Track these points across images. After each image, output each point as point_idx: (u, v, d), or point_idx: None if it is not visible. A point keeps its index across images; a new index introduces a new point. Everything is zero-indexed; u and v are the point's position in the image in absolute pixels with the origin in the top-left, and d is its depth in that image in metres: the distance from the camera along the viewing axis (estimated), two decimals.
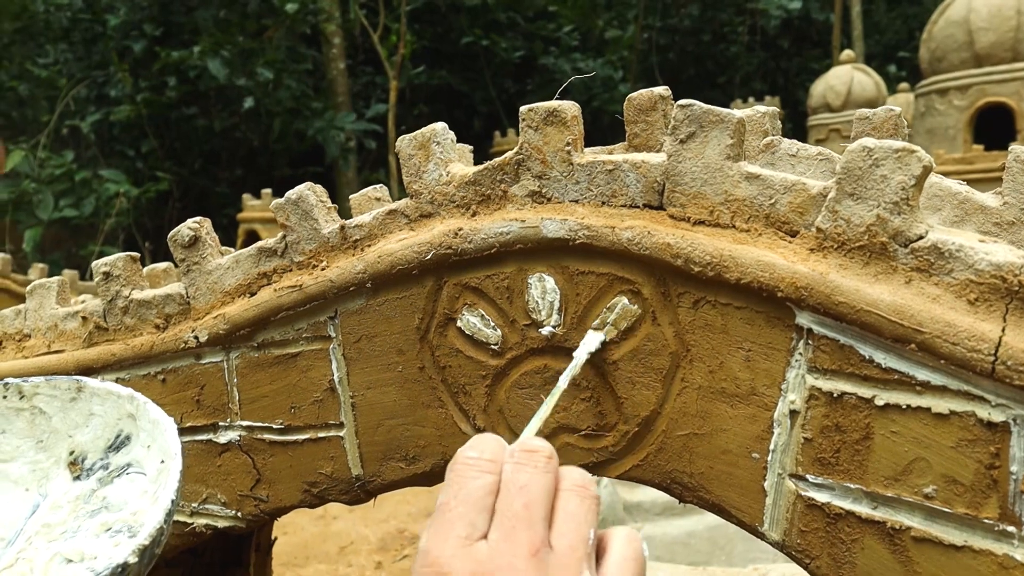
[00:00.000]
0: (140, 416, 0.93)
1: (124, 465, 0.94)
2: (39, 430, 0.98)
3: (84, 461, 0.97)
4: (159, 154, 15.93)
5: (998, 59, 11.58)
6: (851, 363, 0.90)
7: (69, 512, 0.93)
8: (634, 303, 1.05)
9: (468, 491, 0.65)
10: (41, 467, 0.97)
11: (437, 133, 1.17)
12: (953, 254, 0.84)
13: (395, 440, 1.25)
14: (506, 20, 20.09)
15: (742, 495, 1.00)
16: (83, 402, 0.97)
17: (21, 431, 0.98)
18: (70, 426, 0.97)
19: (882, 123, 1.20)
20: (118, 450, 0.95)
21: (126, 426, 0.95)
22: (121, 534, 0.88)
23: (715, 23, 24.22)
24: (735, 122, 0.96)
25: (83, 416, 0.97)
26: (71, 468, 0.97)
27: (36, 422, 0.98)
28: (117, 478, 0.94)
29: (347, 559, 4.72)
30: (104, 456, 0.96)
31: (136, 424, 0.94)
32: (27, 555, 0.88)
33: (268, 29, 15.96)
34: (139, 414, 0.93)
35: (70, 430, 0.97)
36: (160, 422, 0.91)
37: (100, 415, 0.96)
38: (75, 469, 0.96)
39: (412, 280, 1.18)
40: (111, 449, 0.96)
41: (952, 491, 0.85)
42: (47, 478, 0.96)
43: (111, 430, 0.96)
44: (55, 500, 0.94)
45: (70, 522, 0.92)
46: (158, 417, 0.91)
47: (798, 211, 0.94)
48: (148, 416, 0.92)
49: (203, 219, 1.38)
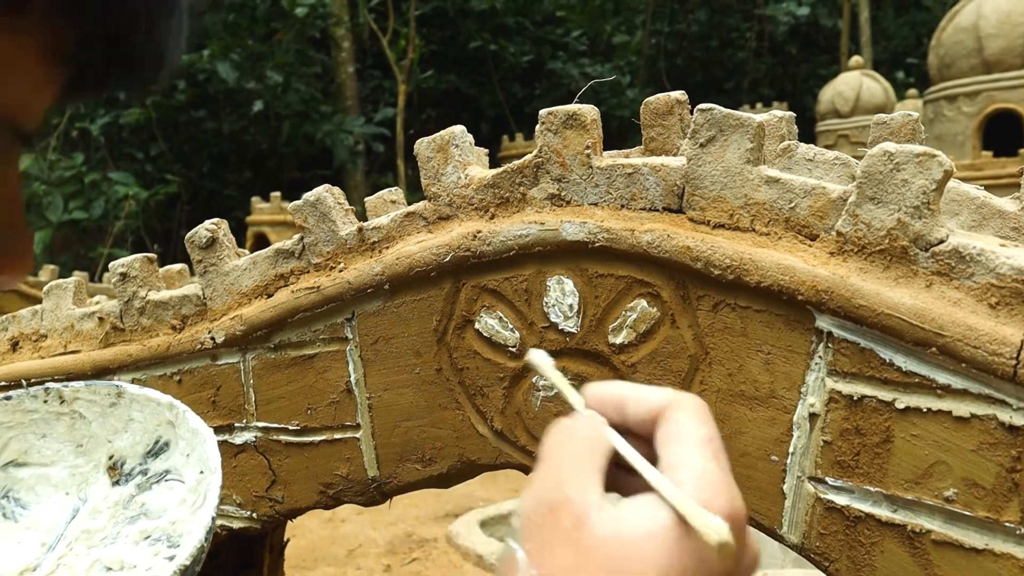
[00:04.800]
0: (179, 424, 0.93)
1: (163, 472, 0.95)
2: (79, 435, 0.98)
3: (123, 466, 0.97)
4: (168, 157, 15.98)
5: (1007, 65, 11.56)
6: (871, 366, 0.91)
7: (108, 518, 0.93)
8: (653, 306, 1.05)
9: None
10: (81, 471, 0.97)
11: (456, 136, 1.17)
12: (974, 258, 0.84)
13: (412, 442, 1.25)
14: (514, 25, 20.12)
15: (761, 498, 1.01)
16: (122, 408, 0.97)
17: (61, 436, 0.98)
18: (109, 431, 0.98)
19: (900, 128, 1.20)
20: (156, 456, 0.96)
21: (165, 433, 0.96)
22: (160, 543, 0.89)
23: (723, 29, 24.23)
24: (755, 126, 0.96)
25: (122, 422, 0.97)
26: (110, 473, 0.97)
27: (76, 427, 0.98)
28: (156, 484, 0.94)
29: (355, 562, 4.73)
30: (143, 461, 0.96)
31: (175, 432, 0.94)
32: (68, 561, 0.89)
33: (277, 33, 16.01)
34: (178, 422, 0.94)
35: (109, 435, 0.98)
36: (200, 431, 0.91)
37: (139, 421, 0.97)
38: (114, 474, 0.97)
39: (430, 282, 1.19)
40: (150, 455, 0.96)
41: (973, 494, 0.85)
42: (87, 482, 0.97)
43: (150, 436, 0.96)
44: (95, 505, 0.95)
45: (109, 528, 0.92)
46: (197, 426, 0.91)
47: (818, 215, 0.94)
48: (187, 425, 0.92)
49: (220, 221, 1.39)
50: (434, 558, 4.85)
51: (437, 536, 5.17)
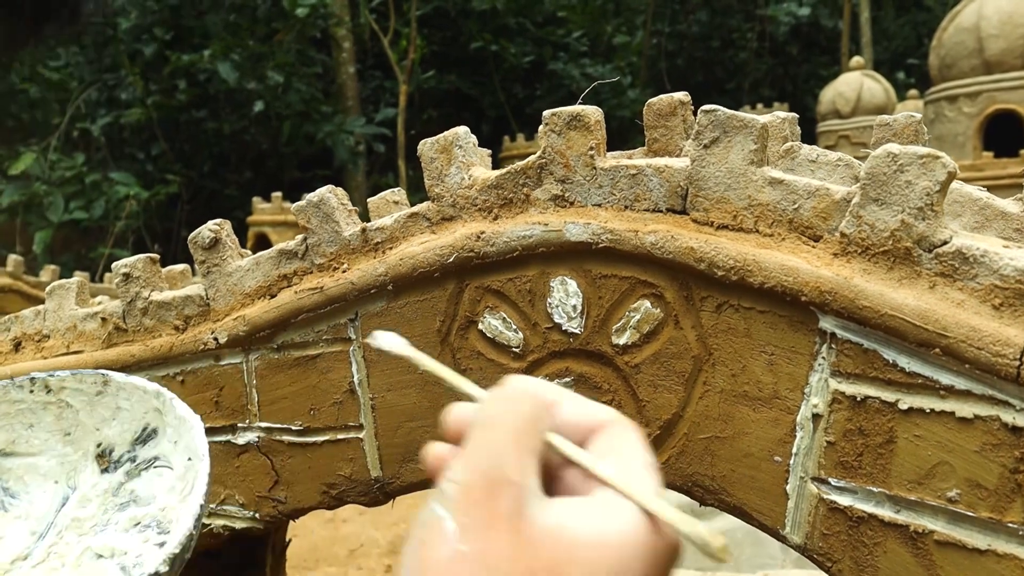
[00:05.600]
0: (167, 412, 0.94)
1: (151, 458, 0.95)
2: (66, 424, 0.99)
3: (111, 453, 0.97)
4: (169, 157, 15.99)
5: (1008, 66, 11.55)
6: (875, 367, 0.91)
7: (98, 506, 0.94)
8: (657, 307, 1.05)
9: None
10: (69, 460, 0.98)
11: (459, 137, 1.18)
12: (978, 259, 0.85)
13: (415, 442, 1.26)
14: (515, 25, 20.12)
15: (764, 498, 1.01)
16: (109, 396, 0.97)
17: (49, 425, 0.99)
18: (97, 420, 0.98)
19: (902, 129, 1.21)
20: (144, 443, 0.96)
21: (152, 420, 0.96)
22: (150, 529, 0.89)
23: (724, 29, 24.22)
24: (759, 127, 0.97)
25: (109, 410, 0.98)
26: (99, 461, 0.97)
27: (63, 416, 0.99)
28: (144, 471, 0.95)
29: (357, 562, 4.72)
30: (131, 448, 0.97)
31: (163, 419, 0.95)
32: (58, 549, 0.89)
33: (278, 33, 16.01)
34: (165, 410, 0.94)
35: (97, 424, 0.98)
36: (187, 419, 0.91)
37: (127, 409, 0.97)
38: (103, 462, 0.97)
39: (434, 283, 1.19)
40: (138, 442, 0.96)
41: (976, 495, 0.85)
42: (76, 471, 0.97)
43: (138, 423, 0.97)
44: (84, 493, 0.95)
45: (99, 516, 0.93)
46: (185, 414, 0.91)
47: (822, 216, 0.94)
48: (175, 412, 0.92)
49: (223, 221, 1.39)
50: None
51: None
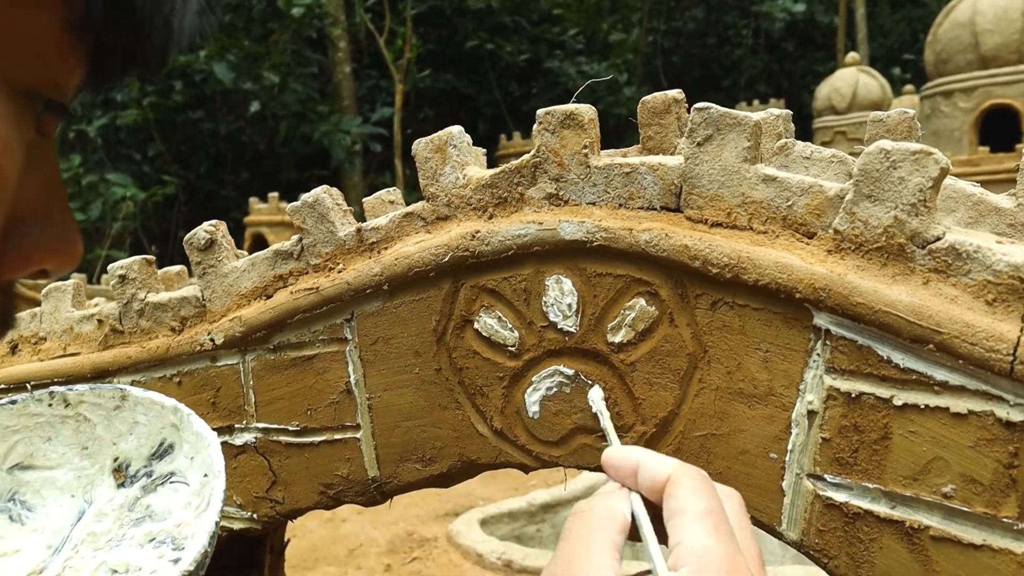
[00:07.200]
0: (183, 427, 0.94)
1: (167, 474, 0.95)
2: (84, 437, 0.99)
3: (128, 468, 0.97)
4: (165, 158, 15.98)
5: (1004, 61, 11.58)
6: (869, 363, 0.91)
7: (114, 520, 0.94)
8: (651, 305, 1.05)
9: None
10: (86, 474, 0.98)
11: (454, 136, 1.18)
12: (971, 255, 0.85)
13: (412, 442, 1.26)
14: (511, 24, 20.12)
15: (760, 495, 1.01)
16: (127, 411, 0.98)
17: (67, 439, 0.99)
18: (114, 434, 0.98)
19: (896, 125, 1.21)
20: (161, 458, 0.96)
21: (169, 435, 0.96)
22: (165, 545, 0.89)
23: (719, 26, 24.24)
24: (752, 125, 0.97)
25: (127, 424, 0.98)
26: (115, 475, 0.97)
27: (81, 429, 0.99)
28: (160, 486, 0.95)
29: (356, 561, 4.73)
30: (147, 463, 0.97)
31: (179, 435, 0.95)
32: (73, 564, 0.89)
33: (274, 33, 16.00)
34: (183, 425, 0.94)
35: (114, 438, 0.98)
36: (204, 435, 0.91)
37: (144, 424, 0.97)
38: (119, 476, 0.97)
39: (429, 282, 1.19)
40: (154, 457, 0.96)
41: (971, 490, 0.86)
42: (92, 485, 0.97)
43: (154, 439, 0.97)
44: (100, 507, 0.95)
45: (115, 530, 0.93)
46: (202, 430, 0.91)
47: (815, 213, 0.95)
48: (192, 428, 0.92)
49: (219, 222, 1.39)
50: (434, 557, 4.86)
51: (437, 535, 5.18)
